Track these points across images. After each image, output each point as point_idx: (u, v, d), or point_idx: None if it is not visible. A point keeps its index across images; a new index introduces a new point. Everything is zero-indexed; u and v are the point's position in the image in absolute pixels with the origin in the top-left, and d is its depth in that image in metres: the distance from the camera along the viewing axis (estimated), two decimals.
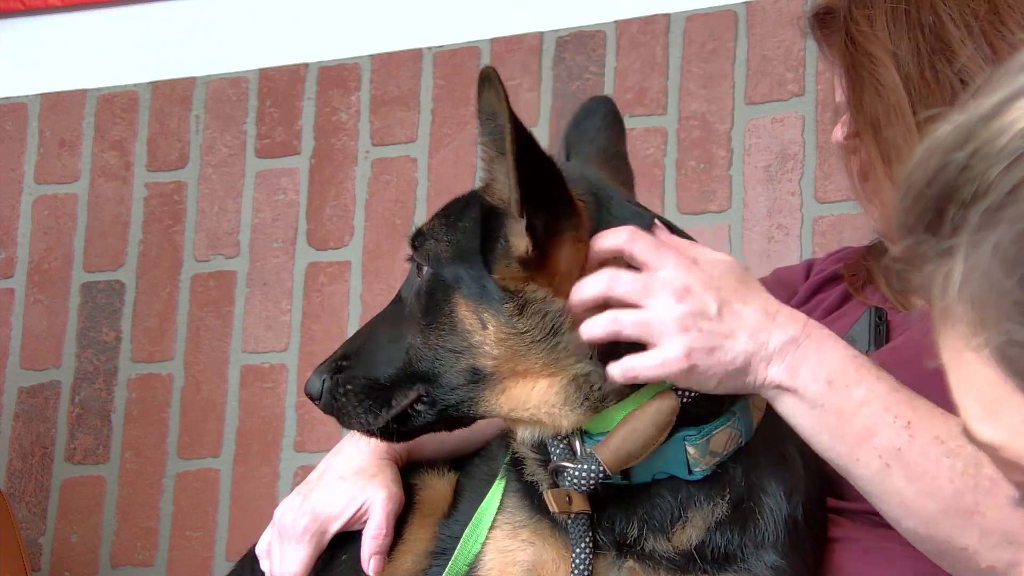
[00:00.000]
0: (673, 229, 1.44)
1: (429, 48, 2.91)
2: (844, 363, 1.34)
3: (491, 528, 1.43)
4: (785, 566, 1.40)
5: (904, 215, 0.78)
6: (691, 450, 1.38)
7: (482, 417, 1.43)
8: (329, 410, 1.46)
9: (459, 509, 1.50)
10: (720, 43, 2.71)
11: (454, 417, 1.42)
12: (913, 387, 1.55)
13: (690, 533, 1.39)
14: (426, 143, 2.88)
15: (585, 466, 1.37)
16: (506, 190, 1.36)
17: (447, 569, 1.42)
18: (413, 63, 2.92)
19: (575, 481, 1.37)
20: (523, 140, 1.33)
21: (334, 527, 1.60)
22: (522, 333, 1.36)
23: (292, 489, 1.69)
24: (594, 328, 1.33)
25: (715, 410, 1.39)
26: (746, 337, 1.32)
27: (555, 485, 1.40)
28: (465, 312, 1.39)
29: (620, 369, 1.33)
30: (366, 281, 2.86)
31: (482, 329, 1.38)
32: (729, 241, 2.63)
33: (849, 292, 1.83)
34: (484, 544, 1.43)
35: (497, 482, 1.46)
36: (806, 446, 1.42)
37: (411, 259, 1.45)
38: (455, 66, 2.89)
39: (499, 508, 1.44)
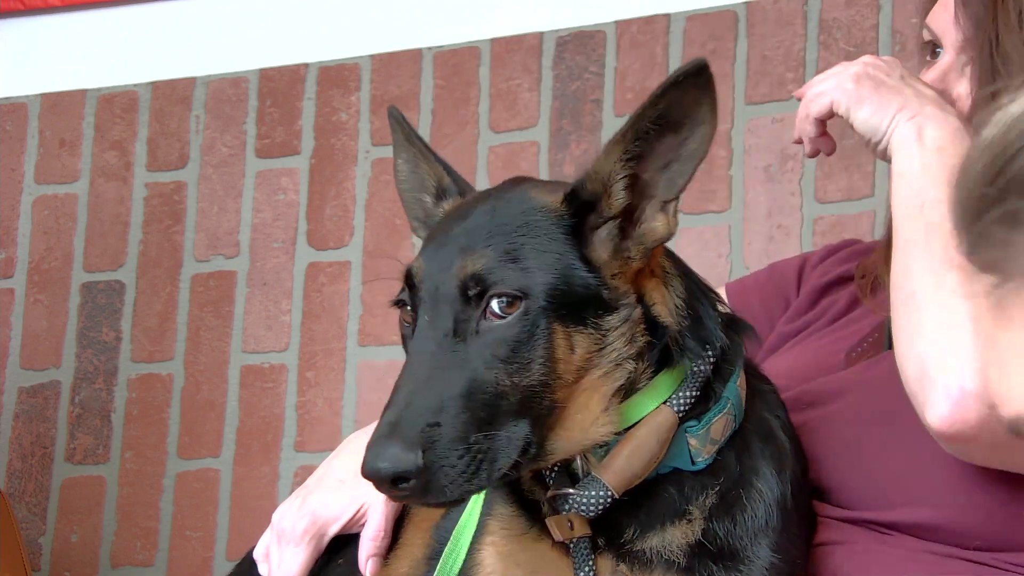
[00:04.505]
0: None
1: (429, 48, 2.91)
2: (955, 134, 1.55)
3: (488, 535, 1.42)
4: (780, 562, 1.40)
5: (990, 179, 0.78)
6: (693, 441, 1.37)
7: (537, 462, 1.32)
8: (423, 491, 1.23)
9: (451, 512, 1.50)
10: (720, 43, 2.71)
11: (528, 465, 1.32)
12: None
13: (694, 526, 1.38)
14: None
15: (592, 492, 1.34)
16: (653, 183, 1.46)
17: (435, 574, 1.41)
18: (413, 63, 2.92)
19: (581, 508, 1.34)
20: None
21: (332, 530, 1.60)
22: (610, 344, 1.32)
23: (292, 489, 1.69)
24: (812, 109, 1.71)
25: (708, 398, 1.38)
26: (904, 96, 1.58)
27: (554, 511, 1.36)
28: (560, 340, 1.30)
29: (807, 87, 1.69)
30: (366, 281, 2.86)
31: (570, 355, 1.30)
32: (729, 241, 2.63)
33: (858, 296, 1.81)
34: (482, 550, 1.42)
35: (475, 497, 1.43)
36: (785, 421, 1.47)
37: (468, 298, 1.29)
38: (455, 66, 2.89)
39: (494, 515, 1.43)
